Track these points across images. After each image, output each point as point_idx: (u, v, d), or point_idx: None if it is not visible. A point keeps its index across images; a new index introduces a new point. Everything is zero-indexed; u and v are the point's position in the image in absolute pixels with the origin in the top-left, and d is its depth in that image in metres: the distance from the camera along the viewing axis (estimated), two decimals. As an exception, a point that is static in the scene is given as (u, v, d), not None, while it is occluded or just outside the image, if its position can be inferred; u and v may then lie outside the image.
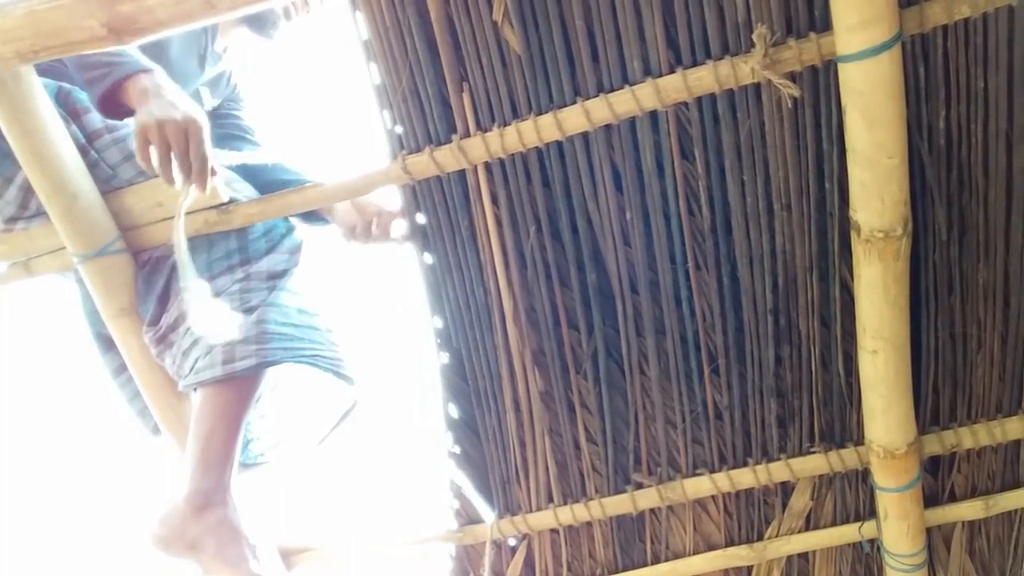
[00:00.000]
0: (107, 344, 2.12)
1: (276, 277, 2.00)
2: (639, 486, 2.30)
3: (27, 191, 1.92)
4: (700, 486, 2.29)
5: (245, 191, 2.07)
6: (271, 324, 1.92)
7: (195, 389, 1.95)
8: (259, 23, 2.40)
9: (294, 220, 2.17)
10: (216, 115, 2.47)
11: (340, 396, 2.12)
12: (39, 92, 1.83)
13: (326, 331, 2.04)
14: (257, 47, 2.51)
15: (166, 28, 1.66)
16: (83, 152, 1.92)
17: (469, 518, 2.40)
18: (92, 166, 1.94)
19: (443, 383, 2.24)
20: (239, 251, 2.00)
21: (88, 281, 1.99)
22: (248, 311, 1.92)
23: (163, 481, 2.31)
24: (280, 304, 1.96)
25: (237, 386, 1.91)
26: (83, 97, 1.98)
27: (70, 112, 1.93)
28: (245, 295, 1.95)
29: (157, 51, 2.21)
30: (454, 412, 2.28)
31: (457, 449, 2.32)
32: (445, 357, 2.21)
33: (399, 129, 1.92)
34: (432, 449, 2.53)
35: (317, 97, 2.78)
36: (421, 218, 2.03)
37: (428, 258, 2.09)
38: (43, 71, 1.93)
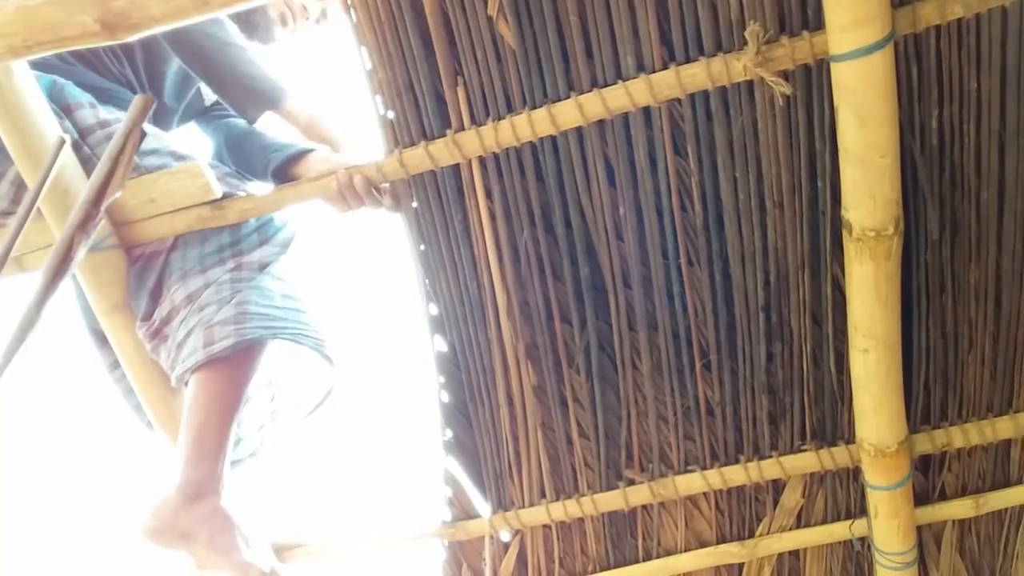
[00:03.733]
0: (102, 339, 2.12)
1: (266, 267, 2.00)
2: (631, 482, 2.31)
3: (19, 186, 1.92)
4: (692, 483, 2.29)
5: (240, 187, 2.08)
6: (251, 305, 1.92)
7: (186, 382, 1.95)
8: (252, 29, 2.41)
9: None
10: (215, 105, 2.48)
11: (322, 378, 2.11)
12: (32, 88, 1.82)
13: (311, 314, 2.03)
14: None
15: (160, 24, 1.65)
16: (75, 148, 1.92)
17: (463, 513, 2.41)
18: (84, 162, 1.93)
19: (436, 377, 2.24)
20: (231, 245, 2.00)
21: (80, 277, 1.99)
22: (234, 299, 1.92)
23: (159, 474, 2.31)
24: (262, 287, 1.96)
25: (226, 372, 1.91)
26: (76, 92, 1.98)
27: (63, 108, 1.93)
28: (235, 284, 1.95)
29: (161, 45, 2.22)
30: (447, 407, 2.28)
31: (451, 444, 2.32)
32: (438, 351, 2.21)
33: (393, 123, 1.92)
34: (425, 445, 2.54)
35: (312, 91, 2.77)
36: (415, 209, 2.04)
37: (421, 252, 2.09)
38: (36, 65, 1.93)
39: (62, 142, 1.70)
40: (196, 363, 1.89)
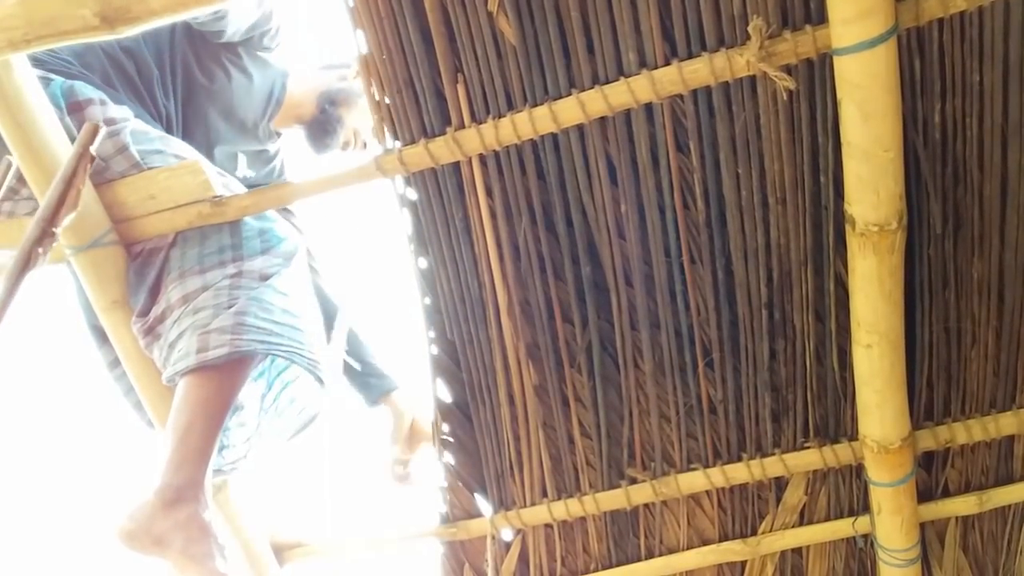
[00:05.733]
0: (102, 337, 2.11)
1: (267, 278, 1.97)
2: (633, 481, 2.30)
3: (19, 177, 1.91)
4: (694, 481, 2.28)
5: (238, 188, 2.07)
6: (250, 317, 1.89)
7: (176, 382, 1.92)
8: (316, 141, 2.59)
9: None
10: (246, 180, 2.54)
11: (313, 400, 2.08)
12: (31, 82, 1.82)
13: (309, 333, 2.00)
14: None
15: (159, 18, 1.65)
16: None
17: (464, 513, 2.40)
18: None
19: (437, 376, 2.23)
20: (232, 247, 1.99)
21: (80, 273, 1.98)
22: (233, 307, 1.90)
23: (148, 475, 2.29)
24: (263, 300, 1.93)
25: (216, 380, 1.88)
26: (87, 90, 1.99)
27: (72, 104, 1.94)
28: (234, 291, 1.92)
29: (224, 89, 2.37)
30: (447, 406, 2.27)
31: (451, 443, 2.31)
32: (438, 351, 2.20)
33: (393, 120, 1.91)
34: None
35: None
36: (415, 207, 2.03)
37: (422, 251, 2.08)
38: (55, 71, 2.00)
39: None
40: (187, 367, 1.87)
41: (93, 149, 1.74)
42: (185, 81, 2.30)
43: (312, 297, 2.09)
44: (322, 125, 2.57)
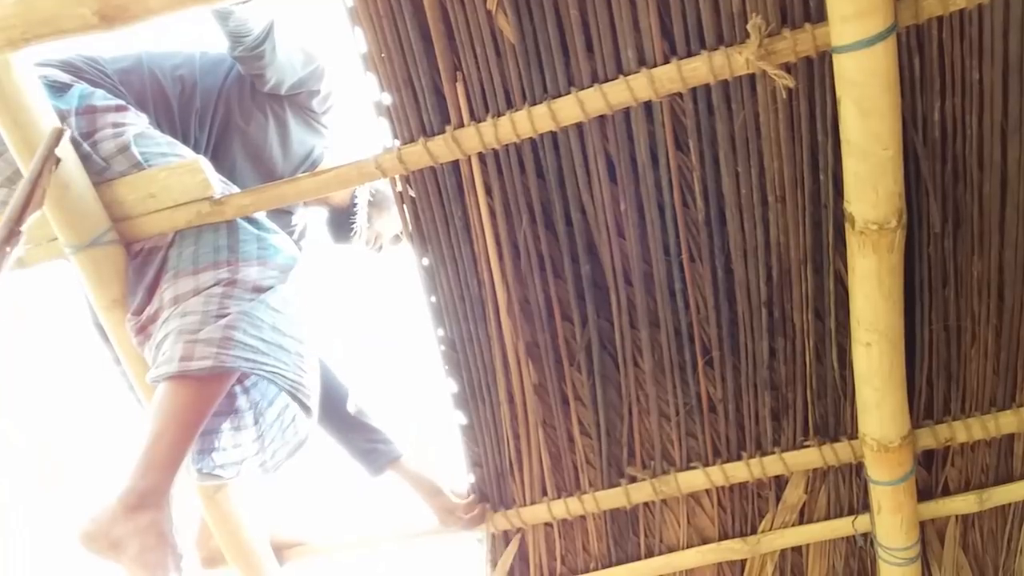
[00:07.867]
0: (106, 334, 2.10)
1: (261, 291, 1.94)
2: (633, 480, 2.30)
3: (17, 169, 1.90)
4: (694, 480, 2.29)
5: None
6: (238, 332, 1.86)
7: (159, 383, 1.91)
8: (339, 229, 2.60)
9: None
10: None
11: (299, 425, 2.03)
12: (31, 81, 1.81)
13: (296, 354, 1.96)
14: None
15: (157, 16, 1.65)
16: (75, 145, 1.91)
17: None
18: (84, 158, 1.92)
19: (436, 375, 2.24)
20: (228, 248, 1.97)
21: (80, 272, 1.97)
22: (222, 317, 1.87)
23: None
24: (254, 315, 1.90)
25: (195, 390, 1.85)
26: (105, 98, 2.00)
27: (86, 108, 1.94)
28: (225, 300, 1.89)
29: (258, 135, 2.35)
30: (448, 405, 2.27)
31: (452, 442, 2.32)
32: (438, 350, 2.20)
33: (393, 119, 1.91)
34: (427, 442, 2.53)
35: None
36: (414, 205, 2.03)
37: (421, 250, 2.08)
38: (89, 79, 2.03)
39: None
40: (168, 373, 1.84)
41: (58, 151, 1.77)
42: (224, 119, 2.30)
43: (305, 314, 2.05)
44: (350, 218, 2.56)
